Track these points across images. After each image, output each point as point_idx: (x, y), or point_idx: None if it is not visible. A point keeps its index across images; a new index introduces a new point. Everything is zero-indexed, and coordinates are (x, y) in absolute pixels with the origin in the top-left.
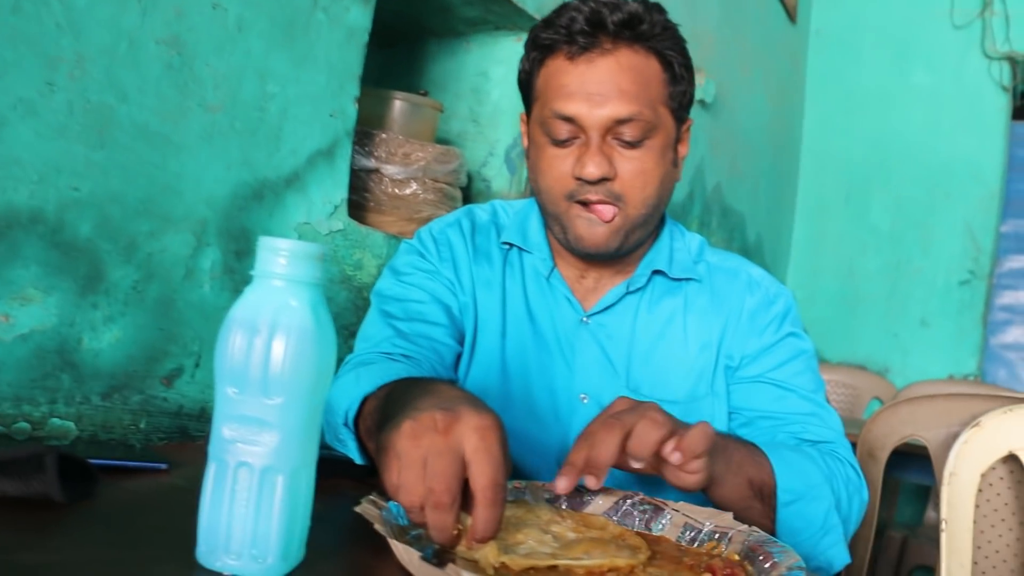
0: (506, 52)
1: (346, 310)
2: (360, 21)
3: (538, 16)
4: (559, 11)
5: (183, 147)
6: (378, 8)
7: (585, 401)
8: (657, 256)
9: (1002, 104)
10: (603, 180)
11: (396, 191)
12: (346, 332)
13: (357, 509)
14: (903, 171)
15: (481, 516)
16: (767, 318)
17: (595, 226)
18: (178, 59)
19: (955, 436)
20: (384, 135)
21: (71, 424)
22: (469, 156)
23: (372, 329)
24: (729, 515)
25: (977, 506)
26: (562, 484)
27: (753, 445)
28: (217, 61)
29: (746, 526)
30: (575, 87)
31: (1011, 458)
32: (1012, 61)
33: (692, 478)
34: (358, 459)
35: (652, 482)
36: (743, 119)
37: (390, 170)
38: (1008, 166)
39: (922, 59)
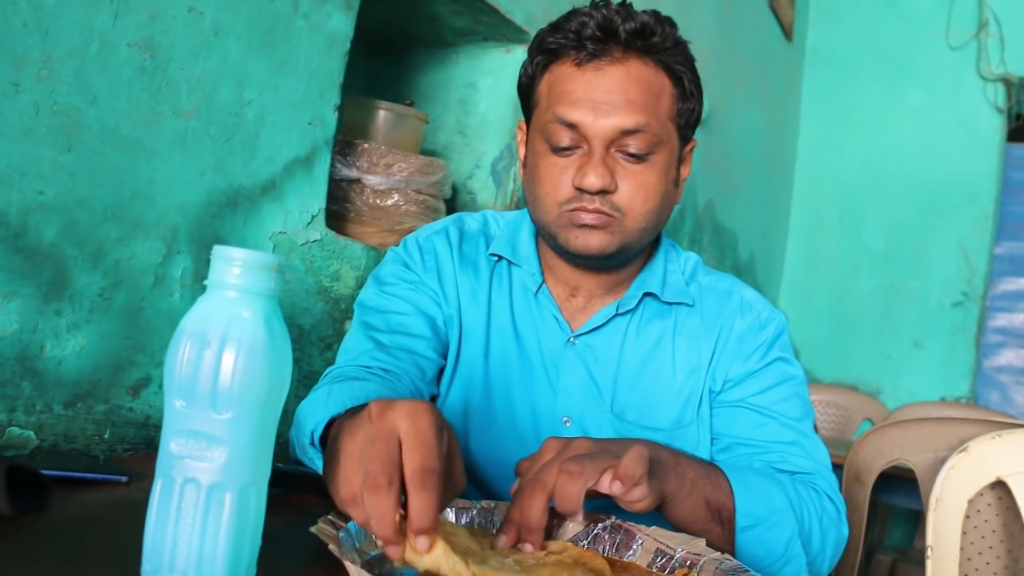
0: (494, 63)
1: (323, 322)
2: (342, 28)
3: (527, 28)
4: (568, 16)
5: (155, 152)
6: (366, 16)
7: (568, 424)
8: (650, 277)
9: (997, 125)
10: (603, 192)
11: (377, 202)
12: (322, 344)
13: (313, 529)
14: (897, 191)
15: (413, 503)
16: (756, 343)
17: (589, 231)
18: (151, 62)
19: (943, 461)
20: (367, 145)
21: (31, 433)
22: (455, 168)
23: (353, 342)
24: (702, 541)
25: (964, 533)
26: (502, 541)
27: (711, 465)
28: (192, 65)
29: (718, 553)
30: (581, 94)
31: (999, 485)
32: (1007, 83)
33: (639, 505)
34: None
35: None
36: (737, 136)
37: (372, 180)
38: (1003, 188)
39: (918, 79)
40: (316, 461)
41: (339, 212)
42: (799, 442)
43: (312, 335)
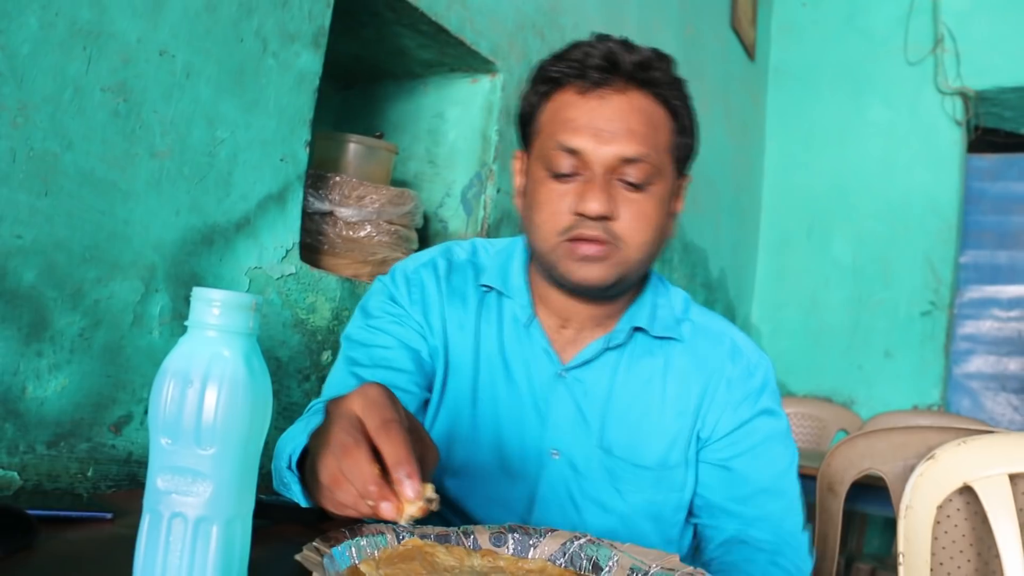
0: (461, 93)
1: (300, 354)
2: (311, 66)
3: (493, 58)
4: (571, 47)
5: (131, 193)
6: (334, 52)
7: (556, 457)
8: (639, 312)
9: (956, 138)
10: (603, 218)
11: (350, 233)
12: (300, 376)
13: (298, 557)
14: (863, 205)
15: (385, 450)
16: (744, 391)
17: (588, 261)
18: (124, 106)
19: (911, 469)
20: (338, 178)
21: (14, 474)
22: (426, 197)
23: (336, 376)
24: (675, 556)
25: (935, 538)
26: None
27: None
28: (165, 107)
29: (691, 568)
30: (583, 121)
31: (966, 490)
32: (964, 96)
33: None
34: (302, 501)
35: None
36: (704, 155)
37: (344, 212)
38: (964, 198)
39: (878, 95)
40: (292, 487)
41: (313, 245)
42: (770, 515)
43: (290, 367)
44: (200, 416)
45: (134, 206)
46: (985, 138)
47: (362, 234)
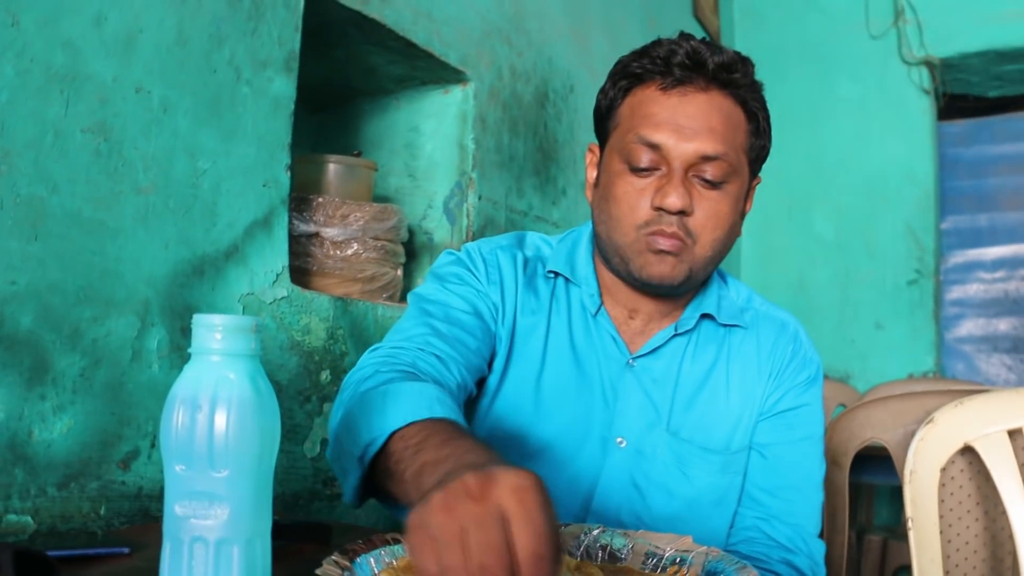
0: (435, 106)
1: (299, 376)
2: (285, 91)
3: (462, 68)
4: (654, 44)
5: (119, 231)
6: (306, 75)
7: (623, 445)
8: (705, 300)
9: (926, 107)
10: (681, 213)
11: (338, 253)
12: (301, 397)
13: (318, 572)
14: (841, 181)
15: None
16: (797, 379)
17: (663, 257)
18: (105, 145)
19: (912, 434)
20: (321, 199)
21: (28, 519)
22: (408, 211)
23: (408, 323)
24: (689, 538)
25: (942, 501)
26: None
27: None
28: (145, 143)
29: (705, 547)
30: (665, 117)
31: (968, 450)
32: (929, 65)
33: None
34: (349, 496)
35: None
36: None
37: (330, 232)
38: (939, 165)
39: (845, 72)
40: (351, 477)
41: (302, 267)
42: (793, 513)
43: (290, 389)
44: (211, 439)
45: (123, 243)
46: (954, 104)
47: (349, 252)
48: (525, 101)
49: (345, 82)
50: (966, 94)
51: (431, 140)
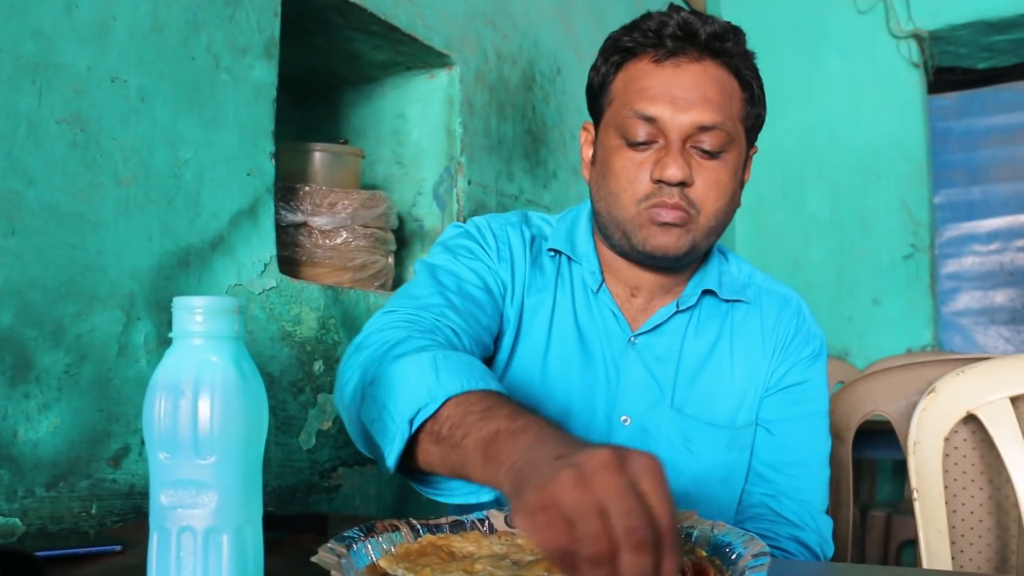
0: (420, 91)
1: (291, 367)
2: (266, 77)
3: (447, 51)
4: (644, 18)
5: (100, 224)
6: (289, 65)
7: (627, 423)
8: (707, 276)
9: (915, 80)
10: (681, 184)
11: (327, 242)
12: (294, 388)
13: (314, 559)
14: (833, 158)
15: (666, 566)
16: (801, 354)
17: (667, 229)
18: (82, 136)
19: (914, 405)
20: (308, 188)
21: (16, 520)
22: (398, 198)
23: (422, 291)
24: (694, 513)
25: (946, 471)
26: None
27: None
28: (123, 134)
29: (711, 522)
30: (660, 89)
31: (970, 419)
32: (918, 38)
33: None
34: (393, 459)
35: None
36: None
37: (318, 221)
38: (931, 139)
39: (834, 47)
40: (395, 442)
41: (291, 257)
42: (800, 490)
43: (283, 381)
44: (196, 425)
45: (105, 236)
46: (944, 77)
47: (339, 241)
48: (512, 84)
49: (329, 70)
50: (955, 66)
51: (418, 126)
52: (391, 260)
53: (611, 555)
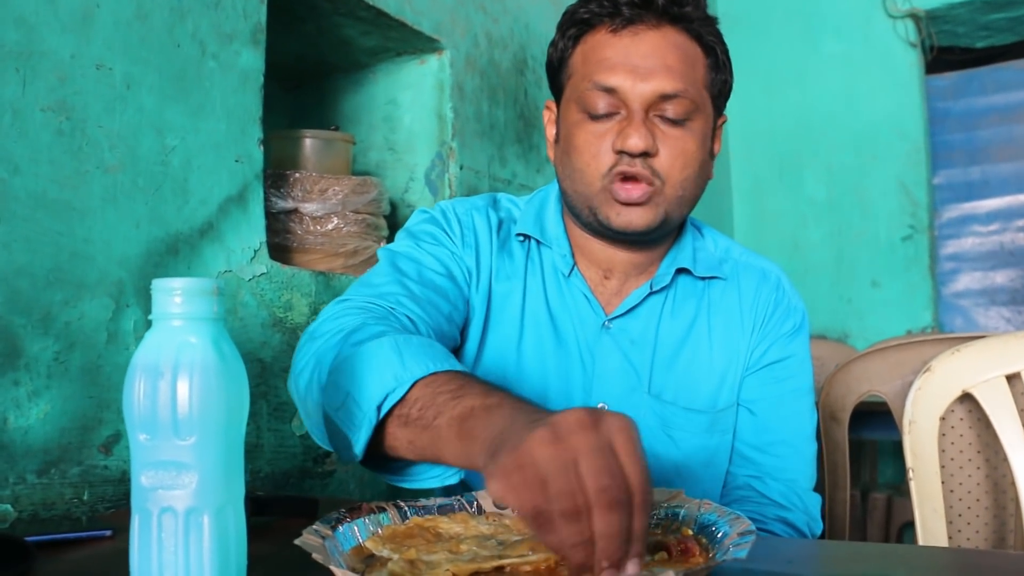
0: (411, 76)
1: (283, 353)
2: (253, 63)
3: (437, 36)
4: None
5: (87, 211)
6: (278, 52)
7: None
8: (680, 254)
9: (913, 60)
10: (644, 155)
11: (318, 228)
12: (286, 375)
13: (298, 541)
14: (830, 140)
15: (636, 524)
16: (782, 329)
17: (631, 206)
18: (68, 124)
19: (910, 384)
20: (298, 174)
21: (7, 507)
22: (390, 184)
23: (380, 279)
24: (681, 492)
25: (942, 450)
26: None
27: None
28: (109, 121)
29: (697, 500)
30: (619, 59)
31: (967, 398)
32: (915, 18)
33: None
34: (361, 448)
35: None
36: None
37: (309, 208)
38: (929, 119)
39: (830, 28)
40: (362, 430)
41: (282, 244)
42: (785, 469)
43: (275, 367)
44: (175, 406)
45: (92, 223)
46: (942, 57)
47: (330, 227)
48: (503, 68)
49: (320, 57)
50: (953, 46)
51: (409, 111)
52: (383, 245)
53: (584, 512)
